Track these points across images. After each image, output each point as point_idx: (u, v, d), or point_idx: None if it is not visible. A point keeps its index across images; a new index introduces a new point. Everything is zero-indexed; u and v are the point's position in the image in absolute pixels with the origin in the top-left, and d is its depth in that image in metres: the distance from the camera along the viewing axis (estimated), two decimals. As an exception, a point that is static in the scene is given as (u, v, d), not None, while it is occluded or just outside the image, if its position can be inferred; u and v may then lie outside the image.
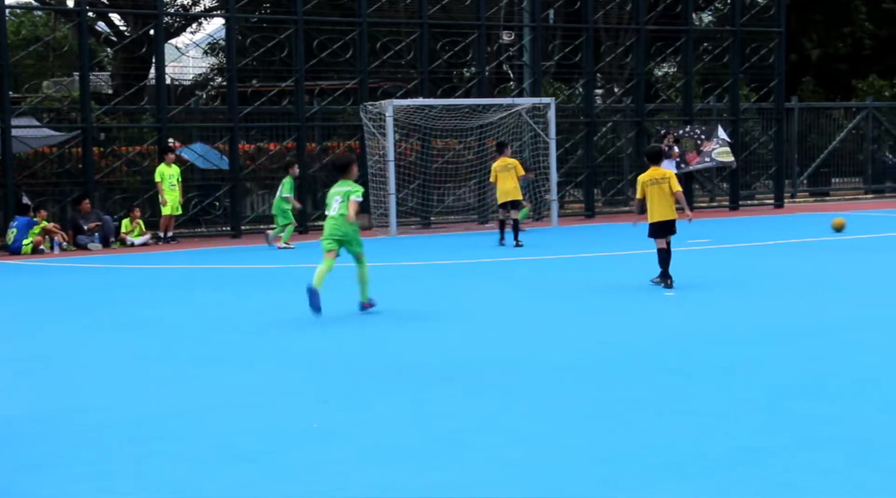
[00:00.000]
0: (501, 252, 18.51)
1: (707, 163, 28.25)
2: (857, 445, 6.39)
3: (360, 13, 24.64)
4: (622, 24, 30.32)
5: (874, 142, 34.02)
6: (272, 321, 11.78)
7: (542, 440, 6.67)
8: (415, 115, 24.35)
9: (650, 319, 11.20)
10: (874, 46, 40.89)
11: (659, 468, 6.05)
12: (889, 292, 12.79)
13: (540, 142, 25.39)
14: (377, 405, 7.70)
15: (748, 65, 29.69)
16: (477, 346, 9.93)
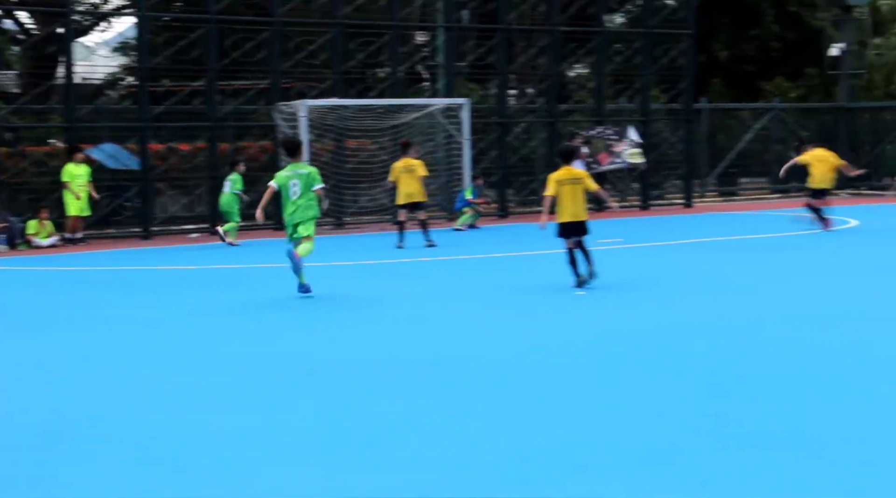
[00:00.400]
0: (416, 252, 18.54)
1: (618, 164, 28.61)
2: (773, 440, 6.53)
3: (274, 13, 24.48)
4: (535, 25, 30.55)
5: (781, 142, 34.72)
6: (186, 322, 11.67)
7: (462, 440, 6.71)
8: (329, 115, 24.27)
9: (566, 319, 11.32)
10: (780, 49, 41.71)
11: (578, 467, 6.12)
12: (795, 290, 13.07)
13: (454, 142, 25.48)
14: (293, 406, 7.67)
15: (658, 66, 30.11)
16: (395, 346, 9.94)
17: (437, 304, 12.74)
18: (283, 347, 10.08)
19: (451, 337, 10.39)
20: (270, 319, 11.88)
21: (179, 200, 25.46)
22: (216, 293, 14.21)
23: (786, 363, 8.83)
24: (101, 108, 25.68)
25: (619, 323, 11.01)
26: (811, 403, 7.49)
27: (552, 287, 13.75)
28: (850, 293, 12.70)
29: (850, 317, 11.00)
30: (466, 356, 9.39)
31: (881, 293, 12.67)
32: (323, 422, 7.24)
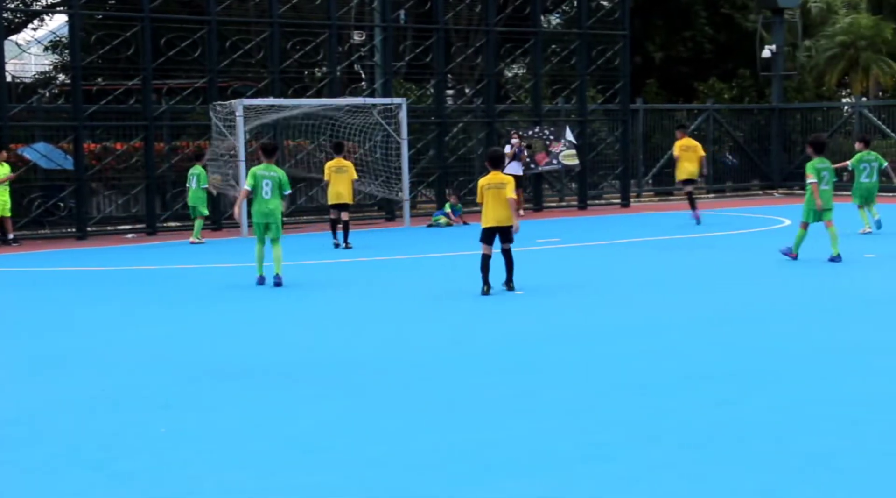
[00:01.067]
0: (354, 253, 18.52)
1: (554, 165, 28.79)
2: (697, 438, 6.64)
3: (209, 11, 24.31)
4: (472, 25, 30.63)
5: (715, 143, 35.13)
6: (117, 323, 11.56)
7: (391, 440, 6.73)
8: (265, 114, 24.14)
9: (498, 319, 11.38)
10: (714, 50, 42.25)
11: (507, 466, 6.17)
12: (727, 288, 13.26)
13: (392, 142, 25.47)
14: (224, 408, 7.64)
15: (595, 67, 30.34)
16: (324, 347, 9.93)
17: (369, 304, 12.73)
18: (211, 349, 10.03)
19: (381, 338, 10.41)
20: (199, 319, 11.82)
21: (115, 200, 25.17)
22: (149, 294, 14.08)
23: (714, 361, 8.97)
24: (34, 107, 25.28)
25: (552, 323, 11.10)
26: (739, 400, 7.61)
27: (466, 287, 13.81)
28: (778, 292, 12.91)
29: (777, 315, 11.19)
30: (398, 357, 9.41)
31: (807, 291, 12.90)
32: (253, 422, 7.23)
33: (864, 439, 6.54)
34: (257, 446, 6.66)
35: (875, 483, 5.75)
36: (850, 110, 35.15)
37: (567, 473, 6.00)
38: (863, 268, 15.11)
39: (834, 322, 10.76)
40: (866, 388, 7.89)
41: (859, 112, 33.96)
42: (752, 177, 36.40)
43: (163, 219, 24.61)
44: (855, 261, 15.76)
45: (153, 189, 24.11)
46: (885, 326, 10.49)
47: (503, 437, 6.74)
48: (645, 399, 7.65)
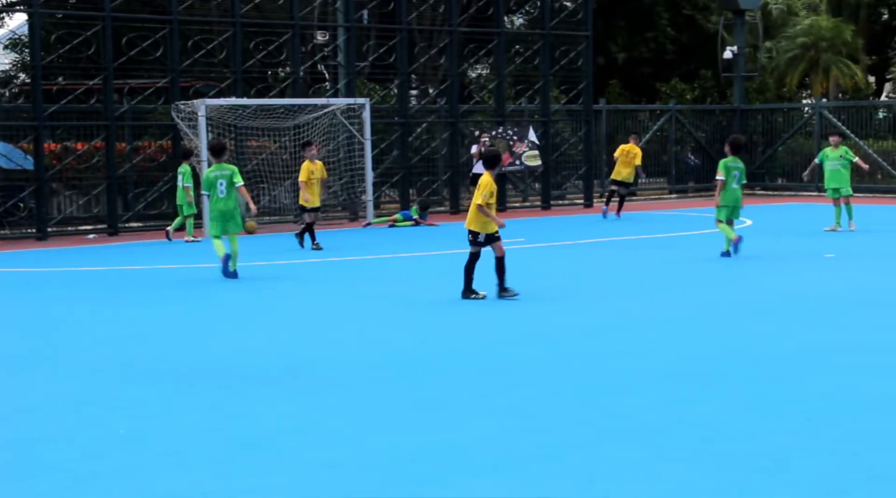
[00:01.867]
0: (319, 253, 18.47)
1: (517, 166, 28.85)
2: (656, 437, 6.68)
3: (171, 10, 24.16)
4: (436, 25, 30.64)
5: (677, 143, 35.34)
6: (76, 324, 11.48)
7: (355, 440, 6.73)
8: (228, 114, 24.03)
9: (461, 320, 11.39)
10: (676, 51, 42.49)
11: (468, 466, 6.18)
12: (689, 288, 13.34)
13: (355, 142, 25.43)
14: (182, 410, 7.60)
15: (558, 67, 30.43)
16: (288, 347, 9.91)
17: (331, 305, 12.70)
18: (171, 350, 9.97)
19: (342, 338, 10.40)
20: (159, 321, 11.74)
21: (76, 201, 24.96)
22: (109, 295, 13.99)
23: (676, 361, 9.03)
24: (-7, 107, 25.05)
25: (515, 323, 11.13)
26: (702, 399, 7.66)
27: (448, 288, 13.83)
28: (741, 291, 13.01)
29: (740, 314, 11.27)
30: (359, 358, 9.40)
31: (769, 291, 13.00)
32: (212, 424, 7.20)
33: (822, 438, 6.60)
34: (216, 448, 6.63)
35: (834, 482, 5.80)
36: (810, 111, 35.46)
37: (528, 473, 6.02)
38: (823, 268, 15.25)
39: (797, 322, 10.85)
40: (826, 387, 7.96)
41: (819, 113, 34.27)
42: (714, 177, 36.56)
43: (124, 219, 24.43)
44: (815, 260, 15.92)
45: (114, 189, 23.93)
46: (846, 325, 10.59)
47: (464, 437, 6.75)
48: (607, 399, 7.69)
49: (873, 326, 10.45)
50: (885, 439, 6.55)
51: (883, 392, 7.75)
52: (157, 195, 24.92)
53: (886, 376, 8.29)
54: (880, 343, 9.61)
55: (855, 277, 14.16)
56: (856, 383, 8.05)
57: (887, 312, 11.21)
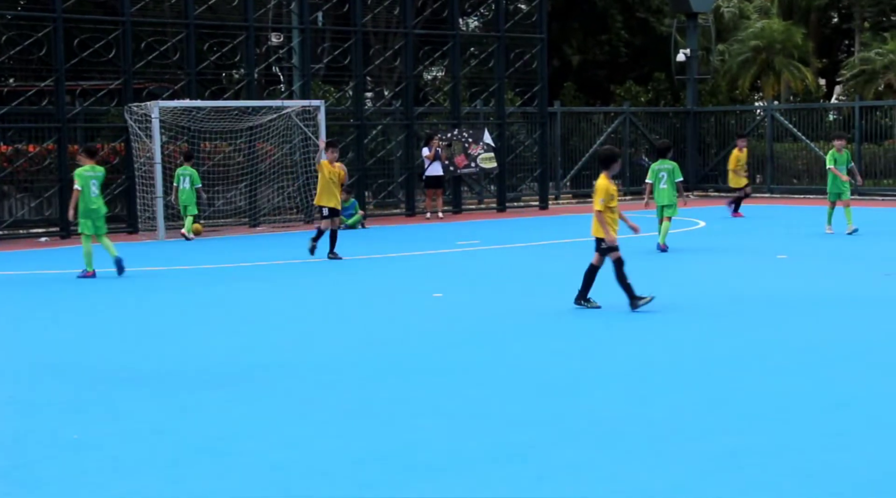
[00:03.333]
0: (271, 255, 18.40)
1: (472, 168, 28.92)
2: (609, 437, 6.72)
3: (123, 12, 23.98)
4: (390, 27, 30.63)
5: (632, 145, 35.57)
6: (27, 328, 11.36)
7: (303, 443, 6.72)
8: (182, 116, 23.89)
9: (413, 321, 11.40)
10: (630, 54, 42.76)
11: (418, 467, 6.19)
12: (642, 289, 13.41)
13: (310, 144, 25.37)
14: (134, 413, 7.55)
15: (513, 69, 30.53)
16: (237, 351, 9.86)
17: (282, 306, 12.66)
18: (122, 353, 9.90)
19: (294, 340, 10.37)
20: (110, 324, 11.65)
21: (28, 203, 24.70)
22: (61, 298, 13.87)
23: (628, 361, 9.10)
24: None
25: (467, 324, 11.14)
26: (653, 399, 7.73)
27: (402, 289, 13.84)
28: (693, 291, 13.10)
29: (691, 314, 11.37)
30: (312, 359, 9.38)
31: (722, 290, 13.11)
32: (162, 427, 7.16)
33: (774, 437, 6.68)
34: (167, 451, 6.60)
35: (785, 481, 5.87)
36: (762, 114, 35.81)
37: (481, 474, 6.04)
38: (775, 268, 15.42)
39: (747, 321, 10.95)
40: (774, 386, 8.05)
41: (771, 115, 34.62)
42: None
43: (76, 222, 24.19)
44: (768, 261, 16.09)
45: (67, 192, 23.70)
46: (797, 324, 10.71)
47: (416, 439, 6.76)
48: (559, 399, 7.73)
49: (822, 326, 10.57)
50: (835, 438, 6.63)
51: (832, 391, 7.85)
52: (110, 198, 24.71)
53: (834, 375, 8.39)
54: (828, 343, 9.73)
55: (806, 277, 14.32)
56: (804, 383, 8.14)
57: (836, 312, 11.35)
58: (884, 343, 9.73)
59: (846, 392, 7.81)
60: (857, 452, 6.32)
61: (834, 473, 5.94)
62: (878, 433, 6.72)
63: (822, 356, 9.15)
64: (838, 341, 9.81)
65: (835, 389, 7.93)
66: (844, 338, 9.97)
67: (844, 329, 10.41)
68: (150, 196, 23.08)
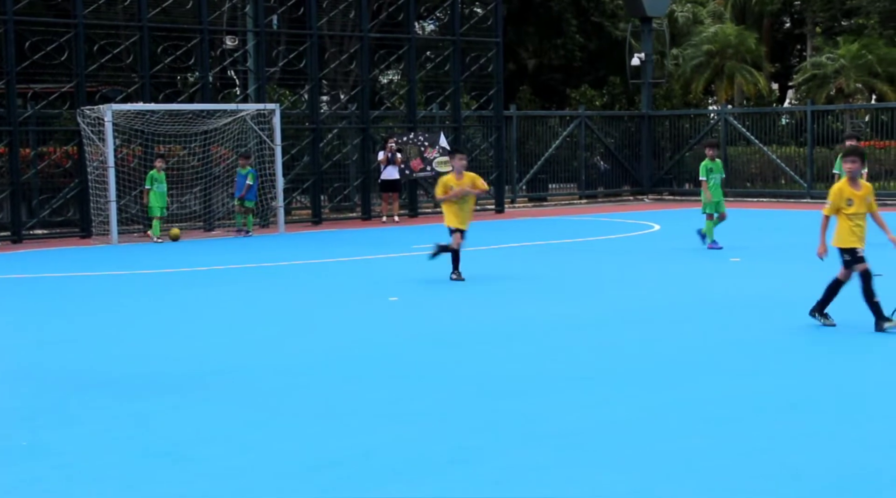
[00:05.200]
0: (226, 259, 18.29)
1: (428, 172, 28.94)
2: (569, 439, 6.73)
3: (76, 14, 23.75)
4: (346, 31, 30.57)
5: (587, 149, 35.74)
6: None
7: (260, 448, 6.67)
8: (136, 120, 23.70)
9: (371, 325, 11.36)
10: (585, 58, 42.95)
11: (378, 472, 6.17)
12: (600, 292, 13.48)
13: (265, 148, 25.26)
14: (88, 419, 7.47)
15: (468, 73, 30.57)
16: (194, 355, 9.78)
17: (240, 311, 12.59)
18: (75, 358, 9.79)
19: (253, 345, 10.31)
20: (62, 329, 11.53)
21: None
22: (11, 303, 13.69)
23: (588, 363, 9.12)
24: None
25: (425, 328, 11.14)
26: (612, 401, 7.75)
27: (357, 294, 13.82)
28: (649, 295, 13.17)
29: (649, 318, 11.43)
30: (268, 363, 9.33)
31: (678, 294, 13.19)
32: (118, 433, 7.08)
33: (733, 438, 6.72)
34: (123, 457, 6.53)
35: (739, 482, 5.91)
36: (716, 117, 36.11)
37: (438, 478, 6.03)
38: (729, 271, 15.53)
39: (702, 324, 11.02)
40: (734, 389, 8.10)
41: (725, 119, 34.92)
42: (623, 182, 37.13)
43: (28, 226, 23.94)
44: (721, 263, 16.21)
45: (18, 196, 23.45)
46: (752, 326, 10.79)
47: (373, 443, 6.73)
48: (517, 402, 7.73)
49: (776, 328, 10.66)
50: (796, 439, 6.68)
51: (790, 392, 7.91)
52: (63, 202, 24.48)
53: (792, 376, 8.46)
54: (783, 345, 9.82)
55: (759, 279, 14.43)
56: (763, 384, 8.20)
57: (790, 313, 11.44)
58: (837, 345, 9.82)
59: (804, 393, 7.87)
60: (818, 454, 6.36)
61: (796, 475, 5.97)
62: (838, 434, 6.78)
63: (778, 358, 9.22)
64: (792, 343, 9.89)
65: (793, 390, 7.99)
66: (798, 340, 10.05)
67: (798, 331, 10.49)
68: (104, 200, 22.87)
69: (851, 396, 7.81)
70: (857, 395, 7.83)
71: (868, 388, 8.07)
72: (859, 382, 8.26)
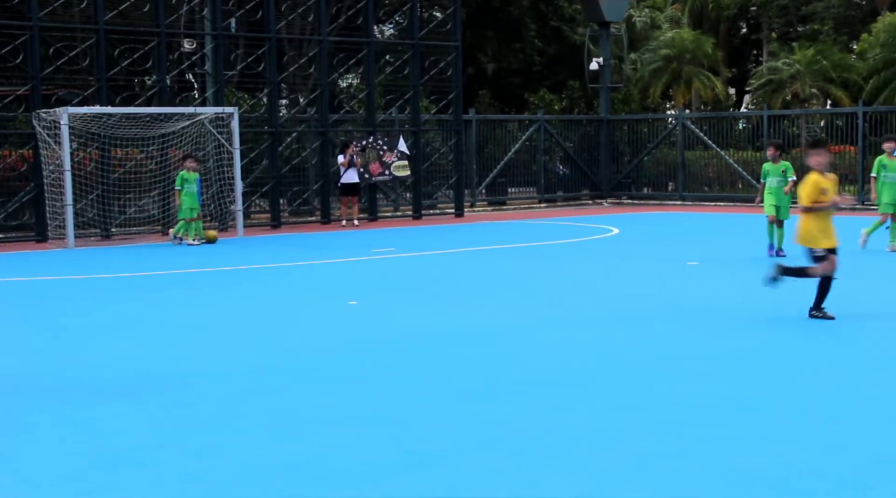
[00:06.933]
0: (185, 263, 18.18)
1: (386, 176, 28.94)
2: (519, 444, 6.75)
3: (31, 16, 23.53)
4: (305, 34, 30.50)
5: (546, 153, 35.86)
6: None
7: (214, 453, 6.64)
8: (92, 123, 23.52)
9: (329, 329, 11.34)
10: (544, 62, 43.11)
11: (330, 476, 6.15)
12: (558, 296, 13.53)
13: (224, 151, 25.14)
14: (39, 425, 7.39)
15: (428, 77, 30.60)
16: (145, 359, 9.71)
17: (194, 316, 12.52)
18: (26, 364, 9.69)
19: (208, 349, 10.25)
20: (14, 333, 11.41)
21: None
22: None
23: (543, 368, 9.14)
24: None
25: (384, 331, 11.11)
26: (567, 406, 7.78)
27: (316, 298, 13.78)
28: (607, 299, 13.24)
29: (606, 321, 11.48)
30: (223, 368, 9.28)
31: (636, 298, 13.27)
32: (69, 439, 7.02)
33: (683, 441, 6.76)
34: (74, 464, 6.47)
35: (693, 484, 5.95)
36: (674, 122, 36.37)
37: (393, 482, 6.02)
38: (685, 275, 15.64)
39: (656, 328, 11.08)
40: (684, 392, 8.16)
41: (682, 124, 35.17)
42: (583, 186, 37.29)
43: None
44: (679, 267, 16.31)
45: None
46: (706, 331, 10.87)
47: (328, 447, 6.72)
48: (472, 406, 7.74)
49: (729, 332, 10.75)
50: (744, 441, 6.74)
51: (740, 395, 7.98)
52: (19, 206, 24.24)
53: (742, 380, 8.53)
54: (734, 350, 9.90)
55: (716, 284, 14.54)
56: (713, 388, 8.26)
57: (744, 318, 11.54)
58: (787, 349, 9.92)
59: (754, 397, 7.94)
60: (765, 454, 6.42)
61: (744, 475, 6.03)
62: (785, 435, 6.85)
63: (729, 362, 9.30)
64: (745, 347, 9.97)
65: (743, 393, 8.06)
66: (750, 344, 10.14)
67: (754, 335, 10.58)
68: (60, 204, 22.67)
69: (809, 396, 7.89)
70: (815, 395, 7.91)
71: (827, 388, 8.15)
72: (818, 383, 8.35)
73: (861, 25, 51.17)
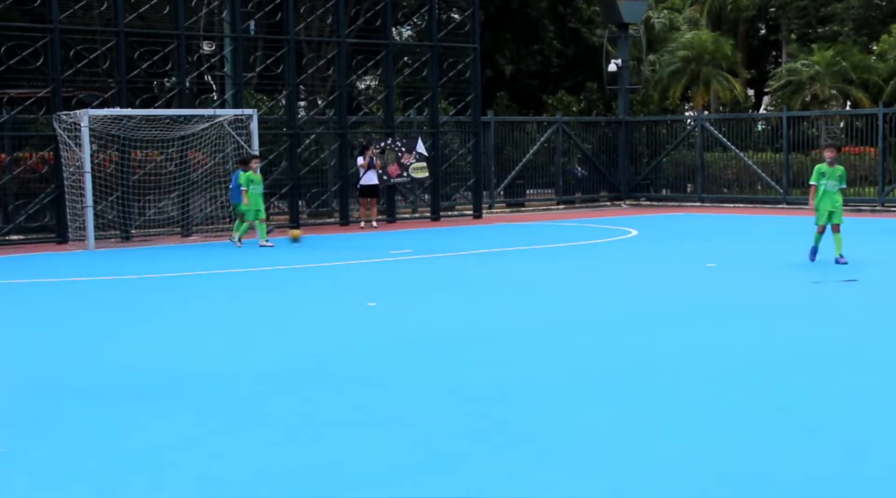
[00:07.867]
0: (203, 265, 18.23)
1: (404, 178, 28.96)
2: (542, 446, 6.74)
3: (52, 19, 23.64)
4: (323, 36, 30.54)
5: (564, 155, 35.81)
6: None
7: (234, 455, 6.65)
8: (112, 125, 23.60)
9: (347, 331, 11.35)
10: (562, 64, 43.05)
11: (351, 479, 6.16)
12: (577, 298, 13.51)
13: (243, 153, 25.20)
14: (62, 426, 7.42)
15: (446, 79, 30.60)
16: (171, 361, 9.74)
17: (214, 317, 12.54)
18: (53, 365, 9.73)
19: (229, 351, 10.28)
20: (39, 335, 11.45)
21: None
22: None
23: (564, 370, 9.13)
24: None
25: (402, 334, 11.12)
26: (588, 408, 7.77)
27: (335, 299, 13.80)
28: (628, 301, 13.21)
29: (627, 323, 11.46)
30: (243, 370, 9.29)
31: (656, 300, 13.24)
32: (95, 440, 7.05)
33: (706, 444, 6.75)
34: (95, 464, 6.50)
35: (717, 487, 5.93)
36: (692, 123, 36.27)
37: (415, 485, 6.03)
38: (705, 276, 15.60)
39: (678, 329, 11.06)
40: (708, 394, 8.13)
41: (701, 125, 35.07)
42: (601, 188, 37.22)
43: (4, 232, 23.80)
44: (698, 269, 16.27)
45: (-4, 202, 23.33)
46: (727, 332, 10.84)
47: (349, 450, 6.72)
48: (493, 409, 7.73)
49: (750, 334, 10.72)
50: (767, 444, 6.71)
51: (767, 397, 7.95)
52: (39, 207, 24.35)
53: (768, 382, 8.50)
54: (755, 352, 9.87)
55: (736, 285, 14.49)
56: (737, 390, 8.24)
57: (763, 320, 11.51)
58: (810, 351, 9.89)
59: (783, 399, 7.91)
60: (788, 459, 6.40)
61: (766, 480, 6.01)
62: (808, 440, 6.82)
63: (750, 365, 9.26)
64: (765, 349, 9.94)
65: (770, 395, 8.03)
66: (772, 345, 10.10)
67: (771, 337, 10.55)
68: (80, 205, 22.76)
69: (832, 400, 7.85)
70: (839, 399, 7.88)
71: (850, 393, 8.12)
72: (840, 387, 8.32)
73: (881, 26, 50.93)
